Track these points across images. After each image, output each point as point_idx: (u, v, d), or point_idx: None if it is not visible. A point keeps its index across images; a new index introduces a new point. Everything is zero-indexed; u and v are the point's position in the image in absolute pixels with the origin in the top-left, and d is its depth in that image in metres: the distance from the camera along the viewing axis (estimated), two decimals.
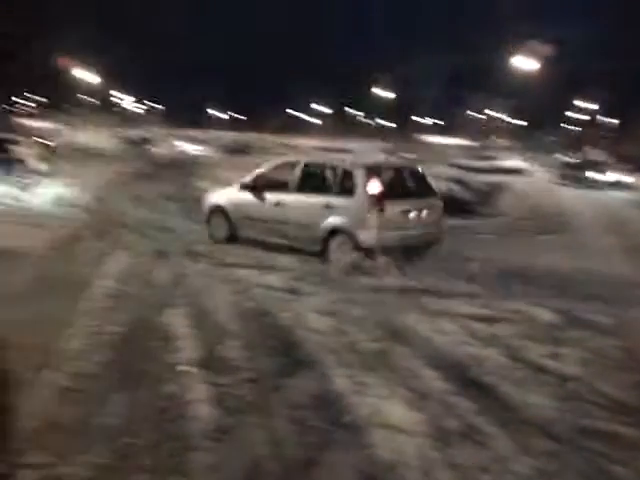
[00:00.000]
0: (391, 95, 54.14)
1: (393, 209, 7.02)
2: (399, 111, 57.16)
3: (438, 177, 11.28)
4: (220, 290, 5.78)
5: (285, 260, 7.31)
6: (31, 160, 15.49)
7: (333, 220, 7.29)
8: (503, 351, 4.20)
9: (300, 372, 3.80)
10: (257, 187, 8.20)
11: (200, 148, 42.41)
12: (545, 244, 9.76)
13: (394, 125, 60.39)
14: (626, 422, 3.18)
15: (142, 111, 68.86)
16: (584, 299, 5.85)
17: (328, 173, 7.85)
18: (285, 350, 4.20)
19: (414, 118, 58.14)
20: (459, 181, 14.12)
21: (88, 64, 40.69)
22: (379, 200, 6.81)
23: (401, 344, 4.37)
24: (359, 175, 7.21)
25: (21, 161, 14.73)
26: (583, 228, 12.10)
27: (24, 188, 13.11)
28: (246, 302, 5.38)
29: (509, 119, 54.43)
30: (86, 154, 25.34)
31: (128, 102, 64.38)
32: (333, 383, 3.63)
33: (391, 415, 3.21)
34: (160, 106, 72.21)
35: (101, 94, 54.15)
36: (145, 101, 69.84)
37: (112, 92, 58.35)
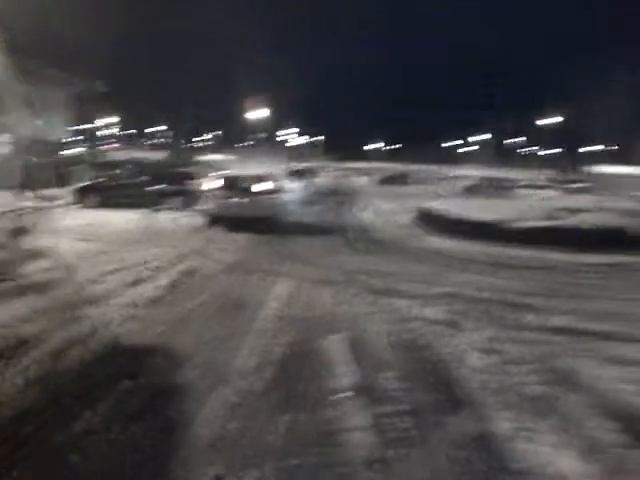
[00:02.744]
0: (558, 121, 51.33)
1: (221, 194, 13.34)
2: (566, 139, 53.91)
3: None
4: None
5: None
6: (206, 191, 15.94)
7: None
8: None
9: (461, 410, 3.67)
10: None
11: (361, 179, 43.54)
12: None
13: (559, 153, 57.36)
14: None
15: (305, 144, 72.67)
16: None
17: None
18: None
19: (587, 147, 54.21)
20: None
21: (262, 101, 44.33)
22: (219, 189, 13.46)
23: (574, 391, 4.04)
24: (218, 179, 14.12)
25: (195, 193, 15.27)
26: None
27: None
28: None
29: None
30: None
31: (293, 136, 68.26)
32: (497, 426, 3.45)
33: (562, 466, 2.97)
34: (322, 138, 75.94)
35: (269, 129, 58.39)
36: (308, 135, 73.52)
37: (280, 127, 62.46)
